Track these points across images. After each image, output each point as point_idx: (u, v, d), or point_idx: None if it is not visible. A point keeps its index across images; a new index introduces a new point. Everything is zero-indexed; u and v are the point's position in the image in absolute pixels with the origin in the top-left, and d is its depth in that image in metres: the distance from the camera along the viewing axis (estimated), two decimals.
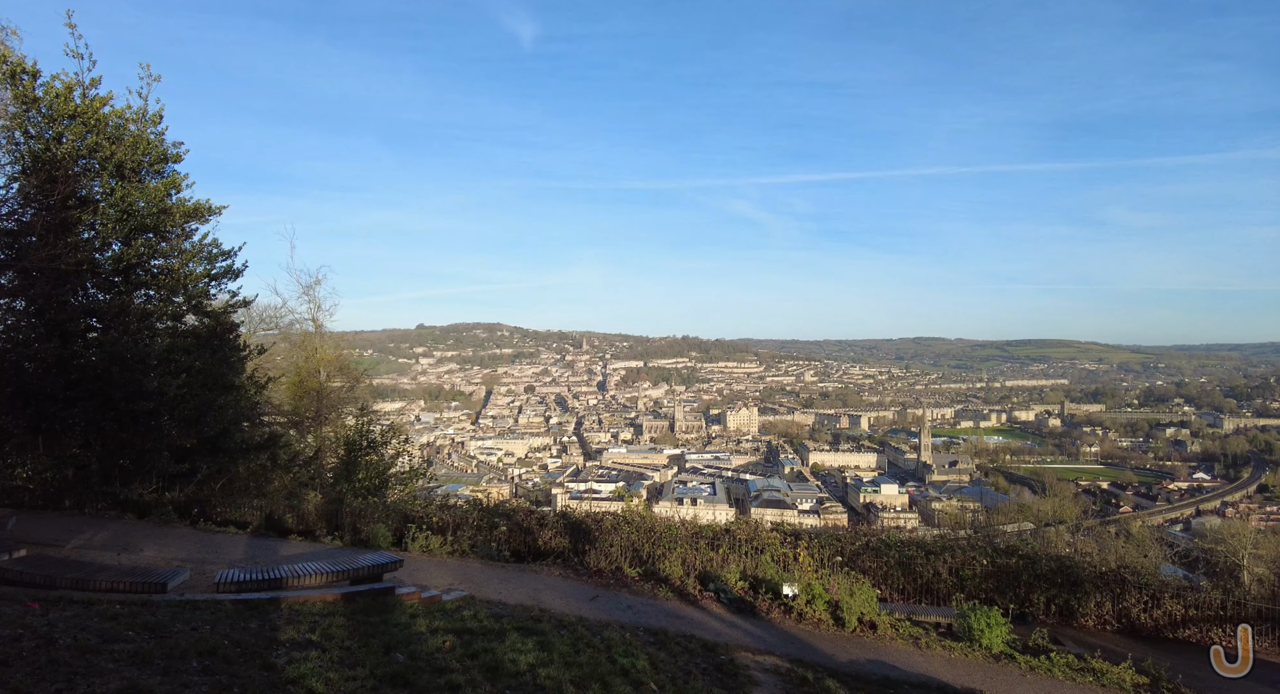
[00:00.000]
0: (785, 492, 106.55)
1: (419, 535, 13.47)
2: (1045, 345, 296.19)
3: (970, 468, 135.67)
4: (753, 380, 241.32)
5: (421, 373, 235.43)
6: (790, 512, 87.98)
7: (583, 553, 13.07)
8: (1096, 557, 14.67)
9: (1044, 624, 11.54)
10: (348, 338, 33.36)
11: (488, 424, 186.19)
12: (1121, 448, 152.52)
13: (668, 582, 11.27)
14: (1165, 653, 10.38)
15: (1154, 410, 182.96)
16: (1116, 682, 8.58)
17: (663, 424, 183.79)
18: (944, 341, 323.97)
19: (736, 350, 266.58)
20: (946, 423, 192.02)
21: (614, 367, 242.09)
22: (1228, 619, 11.47)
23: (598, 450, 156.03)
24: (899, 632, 9.73)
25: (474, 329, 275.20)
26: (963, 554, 12.80)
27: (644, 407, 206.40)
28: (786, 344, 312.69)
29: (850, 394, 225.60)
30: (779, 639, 9.17)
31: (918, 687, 7.64)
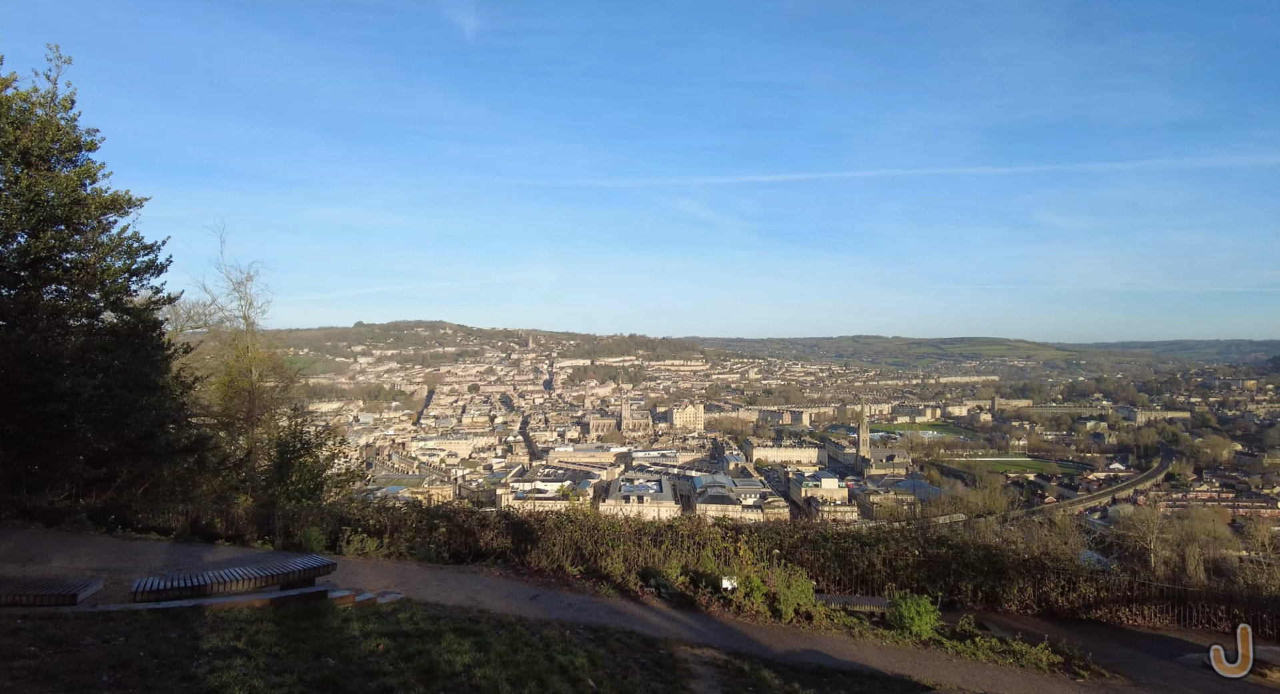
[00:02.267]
0: (730, 487, 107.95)
1: (354, 538, 13.13)
2: (978, 343, 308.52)
3: (907, 462, 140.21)
4: (699, 378, 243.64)
5: (360, 372, 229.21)
6: (734, 507, 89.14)
7: (525, 553, 12.97)
8: (1021, 545, 15.39)
9: (971, 610, 12.03)
10: (282, 336, 32.22)
11: (430, 424, 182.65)
12: (1047, 441, 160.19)
13: (609, 579, 11.28)
14: (1079, 633, 10.96)
15: (1076, 405, 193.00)
16: (1034, 662, 9.02)
17: (610, 422, 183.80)
18: (882, 340, 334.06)
19: (683, 348, 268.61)
20: (884, 418, 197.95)
21: (561, 365, 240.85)
22: (1134, 599, 12.20)
23: (544, 450, 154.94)
24: (834, 622, 9.99)
25: (415, 327, 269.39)
26: (896, 545, 13.24)
27: (591, 405, 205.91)
28: (732, 342, 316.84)
29: (793, 391, 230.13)
30: (718, 632, 9.30)
31: (850, 675, 7.86)
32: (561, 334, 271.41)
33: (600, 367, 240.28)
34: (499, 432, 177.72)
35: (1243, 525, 67.36)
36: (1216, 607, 12.07)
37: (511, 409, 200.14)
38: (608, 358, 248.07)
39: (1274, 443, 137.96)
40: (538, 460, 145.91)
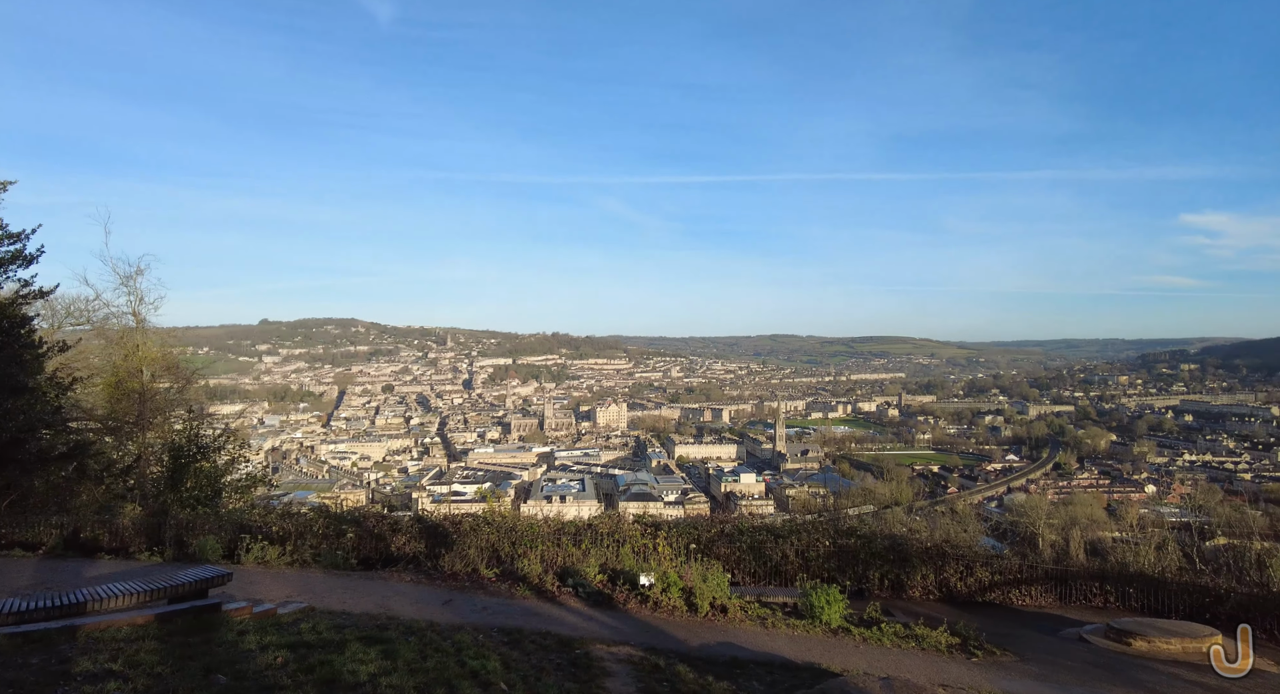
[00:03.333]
0: (652, 485, 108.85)
1: (255, 546, 12.43)
2: (886, 342, 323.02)
3: (820, 456, 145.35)
4: (622, 376, 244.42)
5: (266, 372, 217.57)
6: (656, 504, 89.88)
7: (439, 557, 12.62)
8: (925, 534, 16.19)
9: (878, 597, 12.56)
10: (178, 334, 30.10)
11: (341, 426, 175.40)
12: (949, 434, 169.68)
13: (526, 580, 11.13)
14: (975, 615, 11.62)
15: (976, 400, 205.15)
16: (934, 644, 9.49)
17: (532, 422, 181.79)
18: (798, 338, 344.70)
19: (607, 347, 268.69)
20: (800, 414, 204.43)
21: (481, 364, 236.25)
22: (1024, 581, 13.07)
23: (463, 451, 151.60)
24: (748, 613, 10.20)
25: (326, 325, 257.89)
26: (808, 537, 13.68)
27: (513, 405, 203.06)
28: (655, 341, 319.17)
29: (713, 389, 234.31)
30: (635, 629, 9.32)
31: (762, 665, 8.03)
32: (482, 333, 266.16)
33: (522, 366, 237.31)
34: (415, 433, 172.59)
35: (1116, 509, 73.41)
36: (1092, 584, 13.09)
37: (429, 410, 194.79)
38: (530, 357, 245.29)
39: (1142, 433, 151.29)
40: (456, 462, 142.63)
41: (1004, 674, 8.68)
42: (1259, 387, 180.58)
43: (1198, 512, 71.03)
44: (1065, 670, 9.03)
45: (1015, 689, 8.06)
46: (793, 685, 7.19)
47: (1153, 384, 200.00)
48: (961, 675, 8.39)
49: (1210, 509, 72.62)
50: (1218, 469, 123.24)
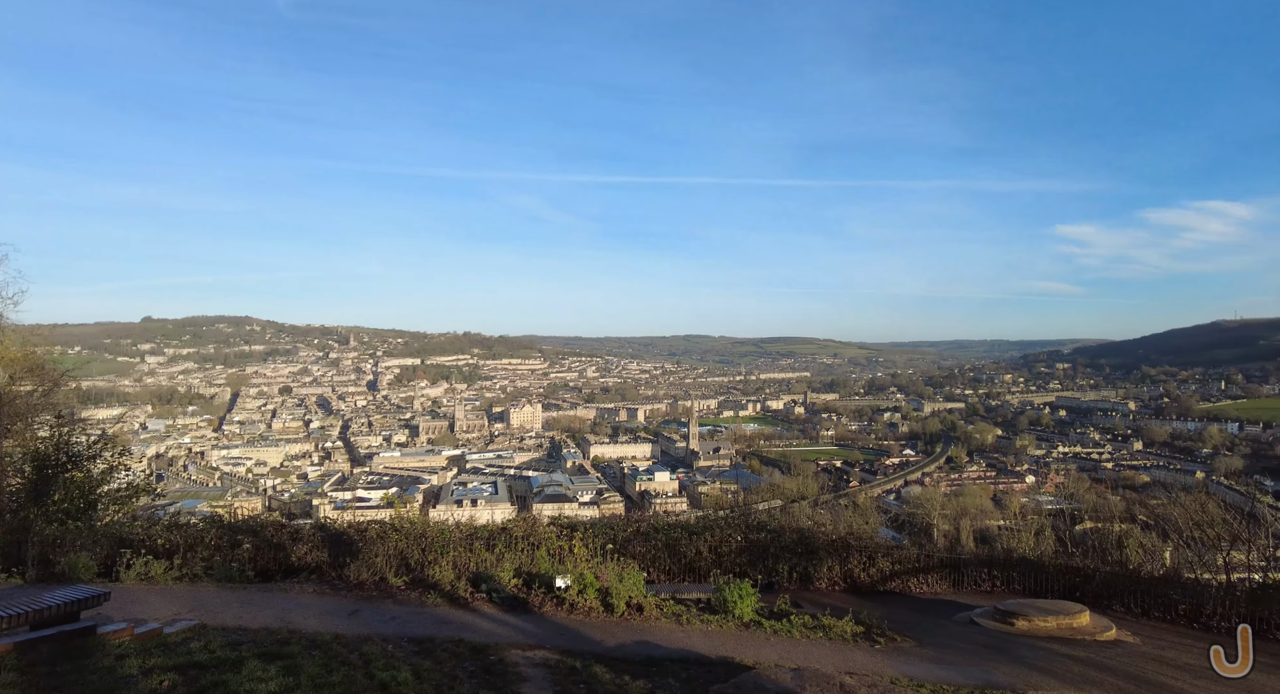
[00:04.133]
0: (567, 485, 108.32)
1: (137, 562, 11.47)
2: (793, 342, 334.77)
3: (731, 453, 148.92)
4: (537, 377, 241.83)
5: (149, 373, 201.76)
6: (571, 505, 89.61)
7: (343, 566, 12.05)
8: (830, 527, 16.81)
9: (787, 590, 12.97)
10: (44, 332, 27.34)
11: (234, 431, 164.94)
12: (851, 431, 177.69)
13: (437, 587, 10.80)
14: (878, 603, 12.20)
15: (876, 398, 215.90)
16: (840, 634, 9.90)
17: (442, 424, 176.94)
18: (711, 339, 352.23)
19: (521, 347, 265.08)
20: (712, 413, 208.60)
21: (387, 365, 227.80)
22: (921, 569, 13.83)
23: (367, 455, 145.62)
24: (664, 611, 10.30)
25: (217, 323, 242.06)
26: (721, 533, 13.96)
27: (421, 406, 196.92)
28: (571, 341, 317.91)
29: (629, 388, 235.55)
30: (551, 632, 9.23)
31: (677, 661, 8.13)
32: (388, 332, 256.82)
33: (431, 366, 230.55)
34: (315, 437, 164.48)
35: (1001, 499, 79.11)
36: (981, 570, 14.03)
37: (330, 412, 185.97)
38: (440, 357, 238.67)
39: (1023, 428, 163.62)
40: (360, 467, 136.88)
41: (904, 659, 9.15)
42: (1120, 384, 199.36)
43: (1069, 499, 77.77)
44: (958, 652, 9.62)
45: (914, 673, 8.51)
46: (708, 681, 7.32)
47: (1033, 382, 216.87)
48: (866, 663, 8.78)
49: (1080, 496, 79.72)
50: (1086, 460, 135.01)
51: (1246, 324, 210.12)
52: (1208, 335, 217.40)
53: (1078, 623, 11.04)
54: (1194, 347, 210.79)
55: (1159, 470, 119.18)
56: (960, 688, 7.92)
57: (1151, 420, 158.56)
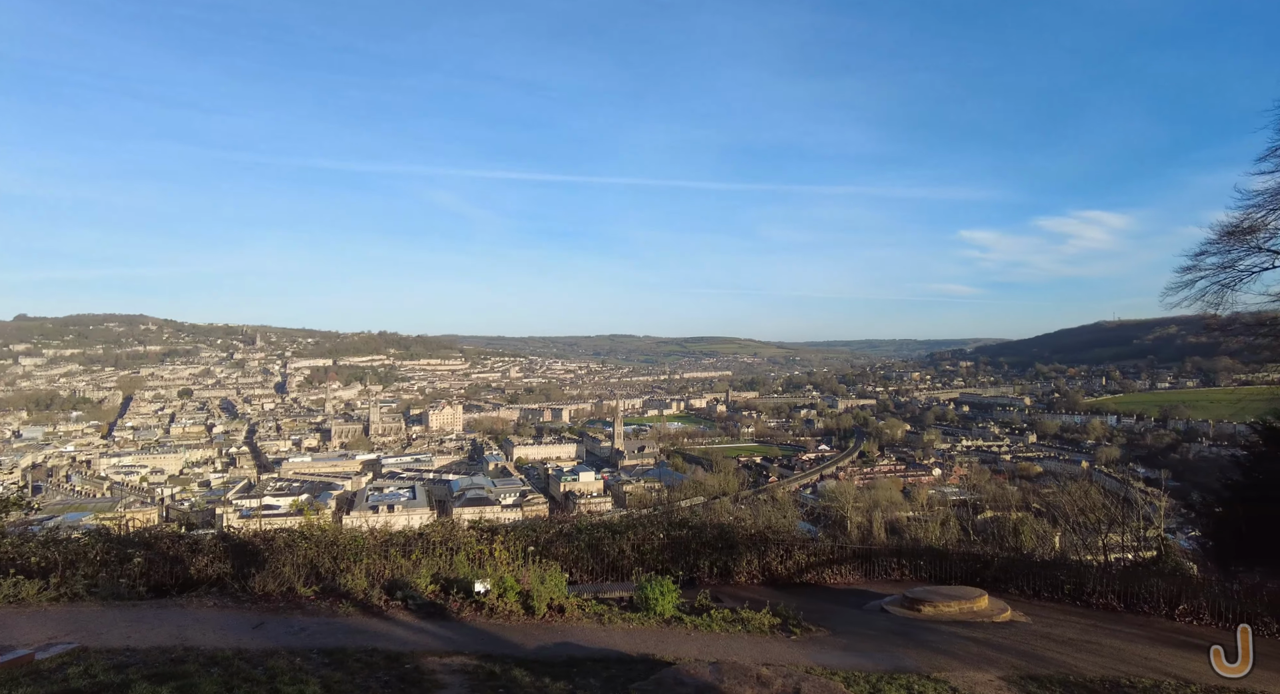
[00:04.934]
0: (489, 488, 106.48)
1: (3, 583, 10.47)
2: (715, 342, 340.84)
3: (656, 452, 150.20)
4: (458, 377, 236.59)
5: (24, 376, 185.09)
6: (494, 508, 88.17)
7: (248, 577, 11.41)
8: (749, 521, 17.22)
9: (708, 585, 13.17)
10: None
11: (126, 437, 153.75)
12: (771, 427, 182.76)
13: (350, 596, 10.38)
14: (794, 595, 12.57)
15: (793, 396, 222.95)
16: (758, 626, 10.14)
17: (356, 427, 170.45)
18: (635, 339, 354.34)
19: (441, 347, 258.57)
20: (637, 412, 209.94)
21: (297, 366, 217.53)
22: (835, 560, 14.34)
23: (276, 461, 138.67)
24: (586, 611, 10.26)
25: (106, 322, 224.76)
26: (644, 531, 14.04)
27: (333, 409, 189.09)
28: (494, 340, 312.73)
29: (553, 389, 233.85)
30: (470, 637, 9.04)
31: (599, 661, 8.12)
32: (298, 331, 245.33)
33: (345, 367, 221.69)
34: (219, 442, 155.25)
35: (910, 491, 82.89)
36: (891, 559, 14.68)
37: (235, 416, 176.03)
38: (354, 357, 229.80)
39: (930, 423, 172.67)
40: (268, 473, 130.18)
41: (819, 649, 9.47)
42: (1017, 380, 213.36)
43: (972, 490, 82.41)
44: (869, 640, 10.04)
45: (828, 661, 8.82)
46: (629, 679, 7.34)
47: (939, 379, 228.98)
48: (783, 654, 9.03)
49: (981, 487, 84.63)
50: (987, 452, 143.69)
51: (1123, 325, 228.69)
52: (1091, 335, 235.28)
53: (978, 606, 11.72)
54: (1080, 345, 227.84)
55: (1050, 461, 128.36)
56: (870, 673, 8.26)
57: (1044, 414, 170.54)
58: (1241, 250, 14.19)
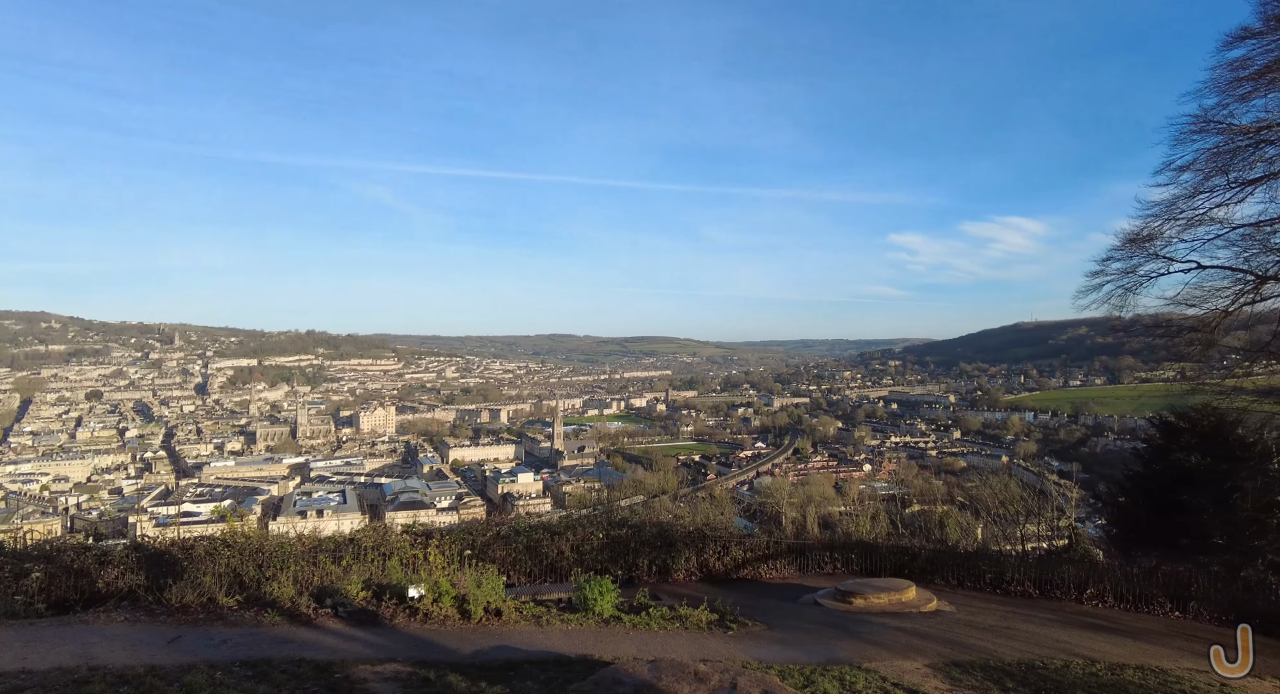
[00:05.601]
0: (424, 491, 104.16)
1: None
2: (655, 342, 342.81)
3: (595, 451, 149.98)
4: (391, 378, 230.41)
5: None
6: (429, 511, 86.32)
7: (164, 589, 10.80)
8: (688, 519, 17.36)
9: (647, 583, 13.21)
10: None
11: (24, 443, 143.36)
12: (709, 426, 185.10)
13: (276, 605, 9.96)
14: (731, 591, 12.76)
15: (731, 394, 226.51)
16: (696, 623, 10.24)
17: (283, 430, 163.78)
18: (575, 338, 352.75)
19: (372, 346, 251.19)
20: (577, 412, 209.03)
21: (219, 366, 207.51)
22: (771, 556, 14.63)
23: (196, 466, 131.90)
24: (523, 614, 10.15)
25: (3, 319, 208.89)
26: (583, 531, 13.98)
27: (259, 411, 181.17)
28: (428, 340, 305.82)
29: (491, 389, 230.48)
30: (403, 644, 8.82)
31: (537, 664, 8.04)
32: (220, 330, 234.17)
33: (271, 367, 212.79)
34: (132, 447, 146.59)
35: (842, 486, 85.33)
36: (824, 554, 15.07)
37: (151, 419, 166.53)
38: (280, 357, 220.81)
39: (861, 420, 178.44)
40: (188, 478, 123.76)
41: (755, 643, 9.64)
42: (942, 379, 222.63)
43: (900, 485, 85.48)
44: (803, 632, 10.28)
45: (763, 655, 8.98)
46: (566, 680, 7.30)
47: (869, 378, 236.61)
48: (720, 649, 9.15)
49: (909, 482, 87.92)
50: (914, 448, 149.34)
51: (1040, 326, 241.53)
52: (1011, 335, 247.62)
53: (906, 597, 12.16)
54: (1000, 345, 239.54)
55: (973, 456, 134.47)
56: (805, 666, 8.46)
57: (967, 411, 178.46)
58: (1142, 257, 15.16)
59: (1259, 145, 13.44)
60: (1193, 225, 14.52)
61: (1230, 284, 14.33)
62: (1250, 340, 16.01)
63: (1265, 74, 13.08)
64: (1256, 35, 13.32)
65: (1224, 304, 14.38)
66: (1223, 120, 13.77)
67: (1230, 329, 15.43)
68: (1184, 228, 14.63)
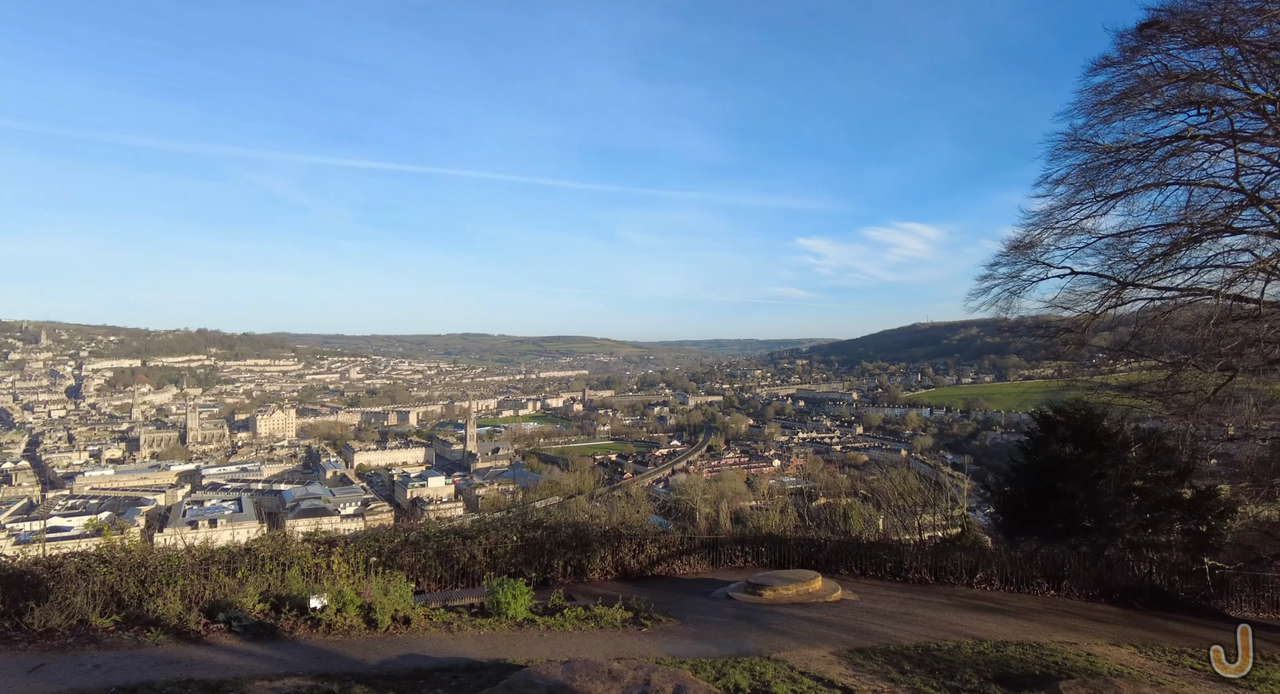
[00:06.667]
0: (327, 498, 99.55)
1: None
2: (572, 341, 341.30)
3: (510, 453, 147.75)
4: (291, 379, 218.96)
5: None
6: (332, 518, 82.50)
7: (25, 612, 9.81)
8: (604, 518, 17.38)
9: (562, 584, 13.14)
10: None
11: None
12: (626, 425, 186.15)
13: (160, 623, 9.25)
14: (646, 588, 12.87)
15: (647, 394, 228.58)
16: (610, 621, 10.25)
17: (171, 435, 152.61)
18: (489, 337, 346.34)
19: (271, 346, 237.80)
20: (491, 413, 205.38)
21: (96, 367, 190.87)
22: (685, 552, 14.85)
23: (68, 476, 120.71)
24: (433, 621, 9.87)
25: None
26: (496, 534, 13.73)
27: (143, 415, 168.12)
28: (331, 339, 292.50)
29: (399, 390, 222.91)
30: (304, 657, 8.38)
31: (447, 670, 7.83)
32: (97, 328, 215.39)
33: (157, 368, 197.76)
34: None
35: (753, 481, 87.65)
36: (736, 548, 15.44)
37: (11, 426, 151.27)
38: (167, 358, 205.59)
39: (770, 417, 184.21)
40: (56, 490, 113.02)
41: (669, 639, 9.75)
42: (846, 377, 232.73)
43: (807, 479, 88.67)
44: (715, 626, 10.48)
45: (677, 650, 9.10)
46: (478, 685, 7.15)
47: (778, 376, 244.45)
48: (634, 647, 9.20)
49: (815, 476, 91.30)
50: (820, 443, 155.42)
51: (935, 326, 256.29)
52: (909, 336, 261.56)
53: (812, 588, 12.62)
54: (899, 345, 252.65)
55: (875, 450, 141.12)
56: (717, 659, 8.62)
57: (869, 408, 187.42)
58: (1024, 262, 16.40)
59: (1119, 164, 14.85)
60: (1067, 234, 15.86)
61: (1098, 289, 15.73)
62: (1114, 340, 17.62)
63: (1122, 100, 14.49)
64: (1115, 64, 14.73)
65: (1092, 307, 15.76)
66: (1089, 139, 15.14)
67: (1098, 330, 16.94)
68: (1059, 236, 15.96)
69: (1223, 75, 13.69)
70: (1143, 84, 14.30)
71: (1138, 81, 14.39)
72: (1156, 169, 14.71)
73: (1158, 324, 15.60)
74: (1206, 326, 14.30)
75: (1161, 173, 14.75)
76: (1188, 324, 15.32)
